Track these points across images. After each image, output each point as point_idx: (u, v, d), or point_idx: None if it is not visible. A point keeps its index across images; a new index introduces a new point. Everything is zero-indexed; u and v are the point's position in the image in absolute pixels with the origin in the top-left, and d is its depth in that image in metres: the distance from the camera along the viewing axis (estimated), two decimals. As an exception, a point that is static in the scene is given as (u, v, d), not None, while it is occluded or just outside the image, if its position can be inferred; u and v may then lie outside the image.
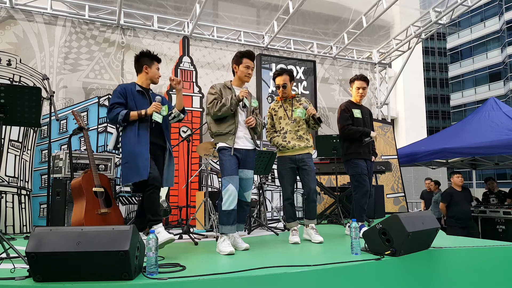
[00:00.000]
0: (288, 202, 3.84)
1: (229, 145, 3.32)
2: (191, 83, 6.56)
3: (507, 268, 3.22)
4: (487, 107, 7.90)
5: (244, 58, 3.46)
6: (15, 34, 5.58)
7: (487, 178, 8.79)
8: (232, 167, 3.26)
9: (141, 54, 3.46)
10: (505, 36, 36.91)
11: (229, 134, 3.34)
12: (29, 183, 5.01)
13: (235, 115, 3.39)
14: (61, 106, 5.67)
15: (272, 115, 4.02)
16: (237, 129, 3.37)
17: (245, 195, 3.45)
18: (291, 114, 3.91)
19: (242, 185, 3.39)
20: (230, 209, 3.18)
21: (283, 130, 3.89)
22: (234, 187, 3.21)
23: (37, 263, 2.05)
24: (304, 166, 3.80)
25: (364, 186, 4.03)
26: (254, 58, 3.54)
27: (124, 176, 3.22)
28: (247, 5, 6.88)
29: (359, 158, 4.10)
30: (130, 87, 3.39)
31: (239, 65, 3.47)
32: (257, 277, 2.29)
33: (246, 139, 3.43)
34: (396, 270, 2.76)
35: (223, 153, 3.33)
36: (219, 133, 3.38)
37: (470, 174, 28.41)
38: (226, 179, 3.23)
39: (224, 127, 3.37)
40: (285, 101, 4.00)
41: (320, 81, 7.84)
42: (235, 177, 3.25)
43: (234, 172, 3.26)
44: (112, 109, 3.24)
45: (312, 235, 3.74)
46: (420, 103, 22.11)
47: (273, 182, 6.86)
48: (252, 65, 3.50)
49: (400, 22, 7.85)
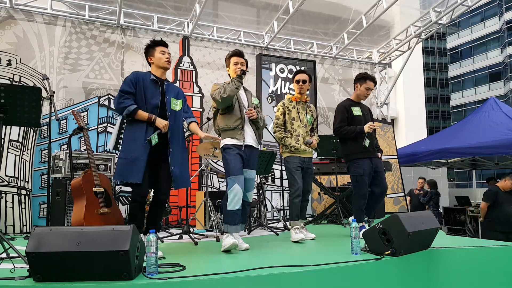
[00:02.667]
0: (298, 199, 3.87)
1: (238, 141, 3.31)
2: (191, 83, 6.57)
3: (507, 268, 3.22)
4: (487, 107, 7.91)
5: (231, 57, 3.51)
6: (15, 34, 5.58)
7: (489, 178, 8.79)
8: (237, 167, 3.23)
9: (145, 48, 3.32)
10: (505, 36, 36.90)
11: (238, 129, 3.33)
12: (29, 183, 5.01)
13: (241, 110, 3.39)
14: (61, 106, 5.67)
15: (285, 112, 4.03)
16: (244, 123, 3.37)
17: (247, 195, 3.45)
18: (304, 117, 4.04)
19: (245, 185, 3.37)
20: (235, 209, 3.16)
21: (296, 132, 3.98)
22: (240, 187, 3.18)
23: (37, 263, 2.05)
24: (309, 169, 4.05)
25: (363, 188, 3.95)
26: (241, 55, 3.52)
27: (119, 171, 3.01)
28: (247, 5, 6.87)
29: (363, 158, 3.97)
30: (143, 75, 3.21)
31: (229, 66, 3.55)
32: (257, 277, 2.28)
33: (251, 136, 3.42)
34: (396, 270, 2.76)
35: (228, 152, 3.30)
36: (227, 128, 3.35)
37: (470, 174, 28.40)
38: (231, 178, 3.20)
39: (232, 121, 3.35)
40: (298, 103, 4.08)
41: (320, 81, 7.84)
42: (240, 176, 3.22)
43: (240, 172, 3.23)
44: (121, 98, 3.06)
45: (304, 232, 3.90)
46: (420, 103, 22.11)
47: (273, 182, 6.86)
48: (240, 60, 3.49)
49: (400, 22, 7.85)
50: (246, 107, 3.49)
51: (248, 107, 3.50)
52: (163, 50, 3.26)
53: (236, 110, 3.39)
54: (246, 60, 3.57)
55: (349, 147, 4.06)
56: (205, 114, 6.41)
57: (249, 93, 3.63)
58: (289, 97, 4.13)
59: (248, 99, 3.57)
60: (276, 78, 7.22)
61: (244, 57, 3.57)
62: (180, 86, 6.45)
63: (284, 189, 6.00)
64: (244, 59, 3.54)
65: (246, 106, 3.51)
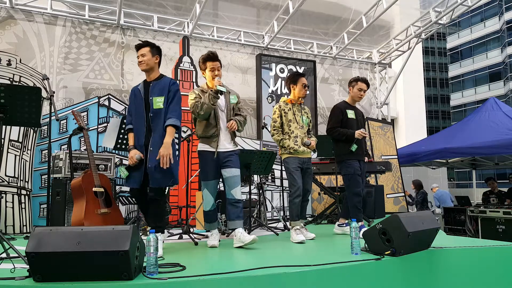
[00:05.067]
0: (298, 199, 3.90)
1: (211, 147, 3.47)
2: (191, 83, 6.56)
3: (507, 268, 3.22)
4: (487, 107, 7.91)
5: (206, 63, 3.53)
6: (15, 34, 5.58)
7: (488, 178, 8.80)
8: (209, 173, 3.47)
9: None
10: (505, 36, 36.91)
11: (213, 137, 3.49)
12: (29, 183, 5.01)
13: (216, 118, 3.50)
14: (61, 106, 5.67)
15: (282, 115, 4.07)
16: (219, 132, 3.50)
17: (232, 193, 3.46)
18: (300, 119, 4.09)
19: (227, 183, 3.48)
20: (207, 210, 3.53)
21: (293, 133, 4.02)
22: (209, 192, 3.49)
23: (37, 263, 2.05)
24: (308, 169, 4.09)
25: (357, 186, 4.12)
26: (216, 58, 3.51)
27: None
28: (247, 5, 6.87)
29: (352, 159, 4.20)
30: (136, 88, 3.36)
31: (204, 70, 3.56)
32: (257, 277, 2.28)
33: (225, 142, 3.54)
34: (396, 270, 2.76)
35: (202, 156, 3.51)
36: (204, 135, 3.53)
37: (470, 174, 28.41)
38: (203, 183, 3.53)
39: (208, 129, 3.51)
40: (293, 105, 4.14)
41: (320, 81, 7.84)
42: (210, 182, 3.49)
43: (210, 177, 3.48)
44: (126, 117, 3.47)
45: (304, 232, 3.92)
46: (420, 103, 22.08)
47: (273, 182, 6.86)
48: (216, 65, 3.50)
49: (400, 22, 7.85)
50: (224, 110, 3.56)
51: (226, 109, 3.57)
52: (138, 55, 3.30)
53: (211, 119, 3.50)
54: (220, 61, 3.58)
55: (340, 147, 4.27)
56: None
57: (227, 94, 3.63)
58: (285, 100, 4.16)
59: (226, 101, 3.60)
60: (276, 78, 7.22)
61: (218, 58, 3.55)
62: (180, 86, 6.42)
63: (284, 189, 6.00)
64: (218, 61, 3.54)
65: (224, 109, 3.57)
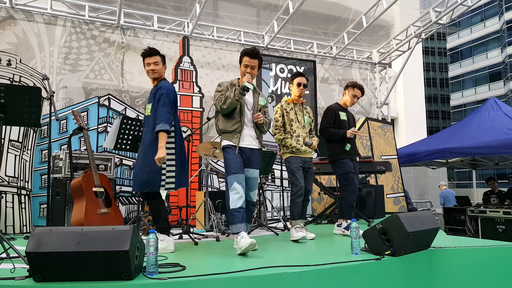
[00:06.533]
0: (300, 199, 3.91)
1: (234, 144, 3.30)
2: (191, 83, 6.56)
3: (507, 268, 3.22)
4: (487, 107, 7.90)
5: (244, 57, 3.37)
6: (15, 34, 5.58)
7: (488, 178, 8.79)
8: (237, 165, 3.22)
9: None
10: (505, 36, 36.90)
11: (235, 132, 3.32)
12: (29, 183, 5.01)
13: (241, 114, 3.35)
14: (61, 106, 5.67)
15: (284, 115, 4.07)
16: (243, 127, 3.34)
17: (251, 195, 3.43)
18: (301, 118, 4.11)
19: (247, 184, 3.35)
20: (237, 207, 3.10)
21: (295, 133, 4.03)
22: (240, 186, 3.14)
23: (37, 263, 2.05)
24: (309, 169, 4.10)
25: (353, 184, 4.21)
26: (255, 56, 3.33)
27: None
28: (247, 5, 6.87)
29: (346, 158, 4.27)
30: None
31: (240, 64, 3.41)
32: (257, 277, 2.28)
33: (251, 138, 3.39)
34: (396, 270, 2.76)
35: (227, 152, 3.31)
36: (225, 130, 3.36)
37: (470, 174, 28.42)
38: (231, 177, 3.17)
39: (230, 125, 3.34)
40: (295, 104, 4.15)
41: (320, 81, 7.84)
42: (240, 175, 3.19)
43: (239, 170, 3.21)
44: None
45: (304, 231, 3.90)
46: (420, 103, 22.10)
47: (273, 182, 6.86)
48: (251, 63, 3.32)
49: (400, 22, 7.85)
50: (251, 109, 3.43)
51: (253, 109, 3.44)
52: (147, 62, 3.36)
53: (236, 114, 3.35)
54: (261, 58, 3.41)
55: (333, 147, 4.35)
56: (205, 114, 6.41)
57: (256, 94, 3.53)
58: (286, 99, 4.17)
59: (254, 101, 3.47)
60: (276, 78, 7.22)
61: (258, 57, 3.35)
62: (180, 86, 6.45)
63: (284, 189, 6.00)
64: (258, 59, 3.35)
65: (251, 108, 3.44)
